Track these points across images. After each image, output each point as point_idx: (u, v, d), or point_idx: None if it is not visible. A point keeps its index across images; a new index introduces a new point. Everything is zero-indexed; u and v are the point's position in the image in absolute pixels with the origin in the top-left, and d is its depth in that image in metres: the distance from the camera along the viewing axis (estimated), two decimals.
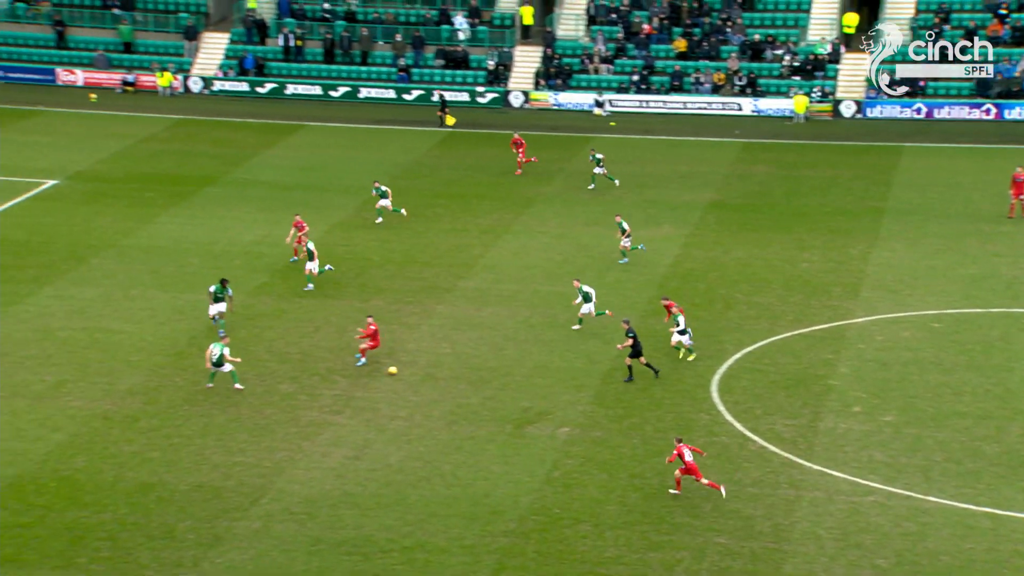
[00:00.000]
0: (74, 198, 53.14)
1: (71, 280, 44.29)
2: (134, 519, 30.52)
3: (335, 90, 68.90)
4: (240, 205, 52.54)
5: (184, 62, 71.06)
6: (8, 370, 37.59)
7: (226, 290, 40.30)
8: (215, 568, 28.74)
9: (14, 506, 30.82)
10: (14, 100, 66.56)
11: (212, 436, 34.37)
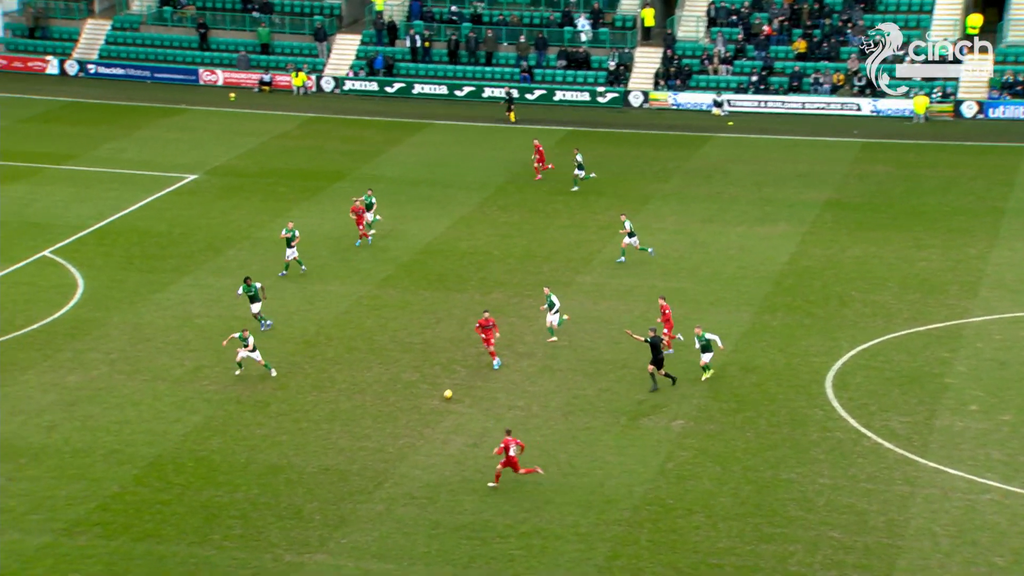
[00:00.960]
0: (212, 192, 54.29)
1: (209, 270, 45.27)
2: (265, 499, 31.10)
3: (460, 89, 69.34)
4: None
5: (317, 63, 72.17)
6: (150, 355, 38.57)
7: (251, 287, 39.91)
8: (340, 548, 29.16)
9: (155, 484, 31.63)
10: (159, 99, 68.24)
11: (338, 422, 34.87)
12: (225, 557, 28.77)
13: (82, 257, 46.02)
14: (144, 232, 49.06)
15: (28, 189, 53.38)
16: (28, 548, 28.73)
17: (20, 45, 73.75)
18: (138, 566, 28.37)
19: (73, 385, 36.45)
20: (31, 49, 73.51)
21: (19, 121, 63.40)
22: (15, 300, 42.13)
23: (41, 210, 51.14)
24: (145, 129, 63.15)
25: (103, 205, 51.73)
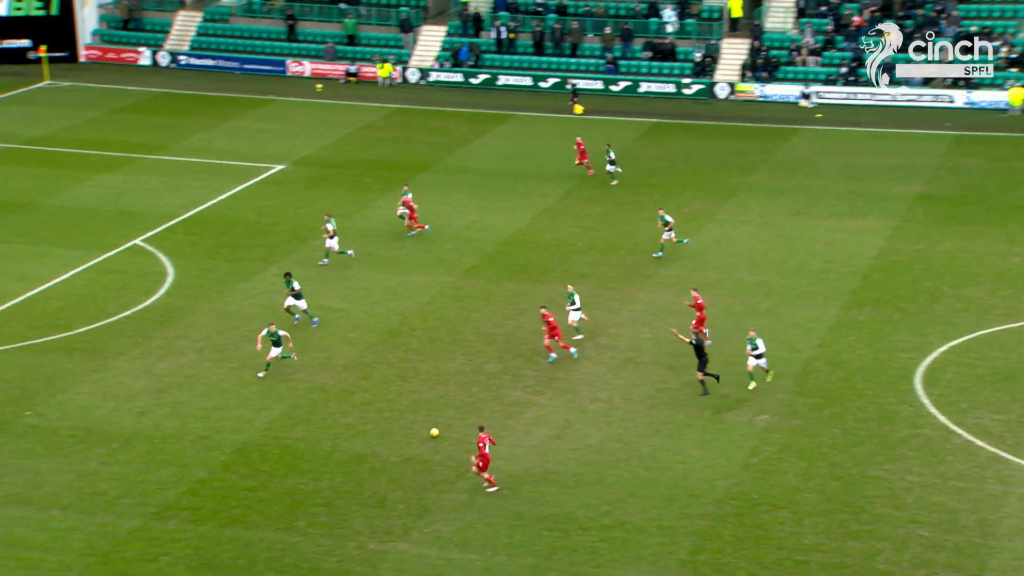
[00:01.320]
0: (299, 182, 54.76)
1: (294, 260, 45.66)
2: (349, 487, 31.31)
3: (544, 81, 69.19)
4: (451, 191, 53.30)
5: (403, 54, 72.47)
6: (237, 343, 39.00)
7: (290, 284, 39.80)
8: (423, 537, 29.27)
9: (242, 470, 31.99)
10: (248, 90, 68.98)
11: (422, 411, 34.98)
12: (310, 544, 29.01)
13: (172, 246, 46.67)
14: (232, 221, 49.62)
15: (121, 178, 54.25)
16: (120, 531, 29.21)
17: (114, 37, 74.98)
18: (225, 551, 28.71)
19: (163, 372, 36.98)
20: (124, 41, 74.70)
21: (112, 112, 64.47)
22: (108, 288, 42.85)
23: (133, 199, 51.94)
24: (234, 120, 63.88)
25: (193, 194, 52.42)
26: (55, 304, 41.26)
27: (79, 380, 36.14)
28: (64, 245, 46.22)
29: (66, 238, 47.04)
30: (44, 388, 35.71)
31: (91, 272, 43.89)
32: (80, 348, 38.21)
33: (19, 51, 71.81)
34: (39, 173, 54.44)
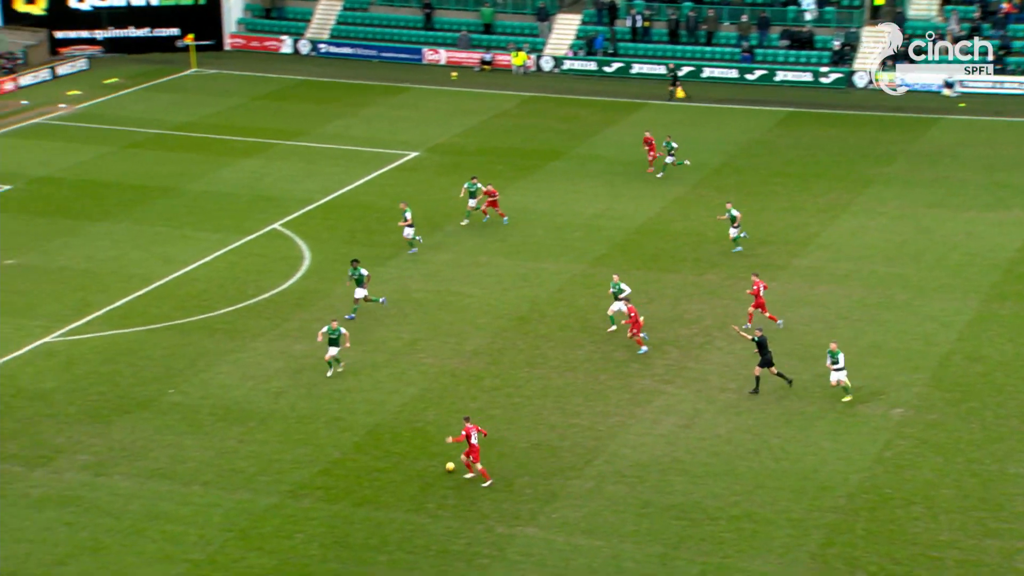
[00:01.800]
0: (432, 169, 55.27)
1: (427, 245, 46.09)
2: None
3: (679, 69, 68.63)
4: (582, 179, 53.24)
5: (538, 42, 72.57)
6: (370, 327, 39.57)
7: (357, 271, 39.51)
8: (551, 522, 29.36)
9: (373, 451, 32.47)
10: (385, 77, 69.81)
11: (550, 398, 35.07)
12: (440, 526, 29.33)
13: (309, 230, 47.51)
14: (367, 207, 50.30)
15: (261, 164, 55.41)
16: (257, 507, 29.90)
17: (258, 25, 76.54)
18: (357, 530, 29.19)
19: (299, 353, 37.70)
20: (267, 29, 76.20)
21: (254, 98, 65.85)
22: (247, 270, 43.83)
23: (272, 184, 52.99)
24: (371, 107, 64.73)
25: (329, 180, 53.29)
26: (198, 286, 42.36)
27: (220, 360, 37.05)
28: (207, 229, 47.39)
29: (209, 222, 48.23)
30: (187, 367, 36.70)
31: (232, 255, 44.94)
32: (221, 329, 39.18)
33: (168, 39, 73.80)
34: (184, 158, 55.90)
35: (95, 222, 47.75)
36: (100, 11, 72.49)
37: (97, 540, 28.40)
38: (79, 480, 30.69)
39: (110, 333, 38.52)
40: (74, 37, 72.12)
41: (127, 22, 73.17)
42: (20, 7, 71.31)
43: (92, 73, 68.70)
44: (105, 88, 66.02)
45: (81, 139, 57.77)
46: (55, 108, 62.35)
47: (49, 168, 53.50)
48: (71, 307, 40.21)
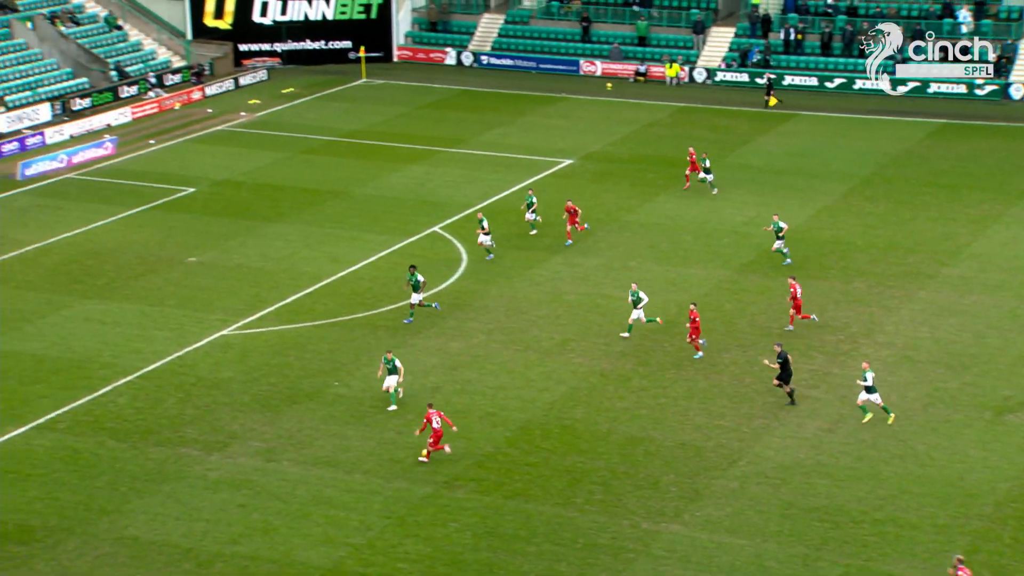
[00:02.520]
0: (585, 176, 55.25)
1: (578, 250, 46.11)
2: (624, 468, 31.43)
3: (831, 81, 67.30)
4: (731, 187, 52.58)
5: (691, 54, 71.98)
6: (523, 326, 39.75)
7: (415, 276, 39.13)
8: (695, 520, 29.08)
9: (524, 446, 32.61)
10: (542, 88, 70.06)
11: (696, 399, 34.73)
12: (587, 520, 29.30)
13: (467, 233, 47.93)
14: (523, 212, 50.51)
15: (424, 170, 56.15)
16: (415, 496, 30.30)
17: (424, 38, 77.63)
18: (508, 521, 29.35)
19: (455, 351, 38.08)
20: (433, 42, 77.22)
21: (419, 107, 66.78)
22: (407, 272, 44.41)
23: (434, 189, 53.66)
24: (528, 116, 65.04)
25: (487, 186, 53.71)
26: (363, 284, 43.15)
27: (381, 355, 37.63)
28: (372, 230, 48.24)
29: (374, 224, 49.09)
30: (351, 361, 37.40)
31: (395, 256, 45.65)
32: (383, 326, 39.82)
33: (342, 52, 75.40)
34: (353, 164, 57.01)
35: (270, 223, 49.02)
36: (280, 25, 74.47)
37: (267, 522, 29.15)
38: (251, 465, 31.54)
39: (281, 328, 39.52)
40: (256, 49, 74.22)
41: (304, 36, 75.01)
42: (209, 22, 73.70)
43: (271, 83, 70.59)
44: (282, 97, 67.76)
45: (259, 145, 59.40)
46: (237, 116, 64.24)
47: (230, 172, 55.14)
48: (246, 302, 41.36)
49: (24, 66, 64.18)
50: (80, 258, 44.64)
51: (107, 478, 30.69)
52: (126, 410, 34.09)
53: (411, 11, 78.25)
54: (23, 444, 32.10)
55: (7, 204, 50.51)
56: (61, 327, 38.94)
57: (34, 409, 33.85)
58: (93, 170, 55.03)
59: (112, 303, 40.93)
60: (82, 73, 65.69)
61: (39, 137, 58.52)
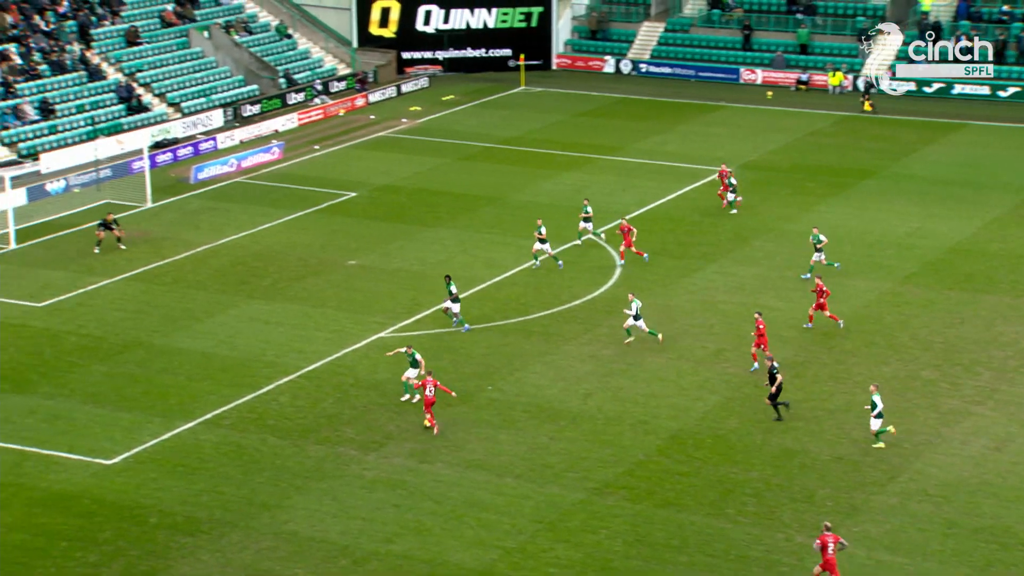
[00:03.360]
0: (743, 185, 54.29)
1: (734, 259, 45.53)
2: (778, 480, 30.88)
3: (1004, 90, 65.01)
4: (896, 198, 51.23)
5: (856, 63, 70.38)
6: (676, 336, 39.40)
7: (450, 286, 39.02)
8: (851, 536, 28.35)
9: (676, 455, 32.32)
10: (701, 96, 69.41)
11: (853, 413, 33.90)
12: (739, 531, 28.86)
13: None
14: (677, 220, 50.14)
15: (581, 177, 56.17)
16: (565, 502, 30.29)
17: (583, 46, 77.72)
18: (658, 530, 29.11)
19: (608, 358, 37.97)
20: (592, 50, 77.25)
21: (576, 115, 66.85)
22: (562, 277, 44.52)
23: (590, 196, 53.55)
24: (686, 124, 64.52)
25: (643, 193, 53.44)
26: (516, 290, 43.38)
27: (533, 361, 37.79)
28: (527, 236, 48.41)
29: (529, 230, 49.21)
30: (504, 366, 37.63)
31: (549, 262, 45.73)
32: (536, 331, 39.96)
33: (502, 59, 76.05)
34: (510, 170, 57.40)
35: (428, 227, 49.69)
36: (442, 34, 75.51)
37: (420, 522, 29.50)
38: (406, 466, 31.98)
39: (436, 331, 39.98)
40: (418, 57, 75.42)
41: (465, 44, 75.88)
42: (374, 31, 75.17)
43: (432, 90, 71.60)
44: (442, 104, 68.66)
45: (419, 151, 60.30)
46: (398, 122, 65.35)
47: (390, 177, 56.10)
48: (404, 305, 41.99)
49: (199, 73, 66.47)
50: (246, 259, 45.98)
51: (268, 474, 31.50)
52: (287, 408, 34.95)
53: (571, 19, 78.42)
54: (191, 439, 33.20)
55: (180, 206, 52.38)
56: (228, 326, 40.16)
57: (202, 405, 34.98)
58: (260, 174, 56.67)
59: (275, 304, 42.04)
60: (253, 80, 67.72)
61: (211, 142, 60.53)
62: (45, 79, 60.08)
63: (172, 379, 36.51)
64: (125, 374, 36.78)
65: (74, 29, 63.97)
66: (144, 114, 61.79)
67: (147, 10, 68.12)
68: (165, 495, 30.40)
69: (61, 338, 39.05)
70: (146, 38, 66.31)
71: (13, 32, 61.34)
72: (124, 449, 32.47)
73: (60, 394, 35.45)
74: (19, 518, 29.27)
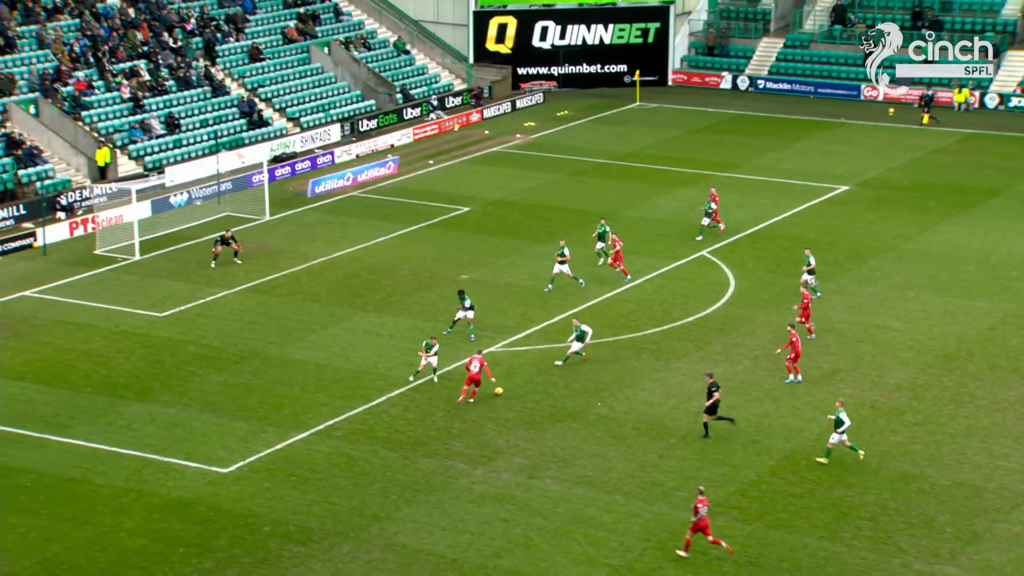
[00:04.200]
0: (861, 203, 53.60)
1: (851, 278, 44.75)
2: (895, 505, 30.22)
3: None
4: (1021, 217, 49.82)
5: (984, 80, 68.73)
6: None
7: (463, 300, 39.49)
8: (973, 564, 27.64)
9: (789, 476, 31.85)
10: (819, 112, 68.51)
11: (976, 438, 33.04)
12: (854, 556, 28.30)
13: (735, 258, 47.34)
14: (794, 238, 49.48)
15: (695, 193, 55.81)
16: (675, 521, 30.01)
17: (700, 62, 77.34)
18: (771, 552, 28.70)
19: (719, 376, 37.48)
20: (708, 66, 76.83)
21: (692, 131, 66.49)
22: (675, 294, 44.26)
23: (704, 214, 53.20)
24: (804, 141, 63.70)
25: (758, 211, 52.88)
26: (628, 306, 43.22)
27: (644, 378, 37.60)
28: (639, 253, 48.27)
29: (642, 246, 49.11)
30: (614, 382, 37.50)
31: (661, 279, 45.53)
32: (647, 348, 39.76)
33: (617, 75, 76.04)
34: (623, 186, 57.29)
35: (540, 243, 49.79)
36: (558, 49, 75.79)
37: (528, 538, 29.52)
38: (515, 480, 32.05)
39: (546, 347, 40.04)
40: (533, 73, 75.80)
41: (581, 60, 76.05)
42: (491, 46, 75.80)
43: (546, 106, 71.88)
44: (556, 120, 68.87)
45: (533, 166, 60.54)
46: (512, 138, 65.73)
47: (503, 192, 56.43)
48: (514, 320, 42.14)
49: (319, 89, 67.74)
50: (360, 272, 46.64)
51: (379, 486, 31.85)
52: (398, 421, 35.31)
53: (688, 35, 78.08)
54: (304, 449, 33.73)
55: (297, 219, 53.37)
56: (341, 338, 40.76)
57: (315, 416, 35.53)
58: (375, 188, 57.47)
59: (388, 316, 42.55)
60: (370, 95, 68.78)
61: (328, 156, 61.60)
62: (171, 94, 61.82)
63: (286, 389, 37.17)
64: (241, 384, 37.55)
65: (200, 46, 65.72)
66: (264, 128, 63.17)
67: (270, 27, 69.67)
68: (278, 504, 30.93)
69: (181, 348, 40.05)
70: (268, 54, 67.82)
71: (143, 49, 63.25)
72: (239, 458, 33.13)
73: (179, 403, 36.34)
74: (139, 523, 30.04)
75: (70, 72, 59.66)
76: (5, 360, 38.94)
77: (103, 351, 39.77)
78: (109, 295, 44.54)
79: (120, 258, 48.29)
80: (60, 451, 33.44)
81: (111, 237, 49.80)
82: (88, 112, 58.32)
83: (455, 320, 40.50)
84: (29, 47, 60.34)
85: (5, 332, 41.17)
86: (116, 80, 60.54)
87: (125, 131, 58.63)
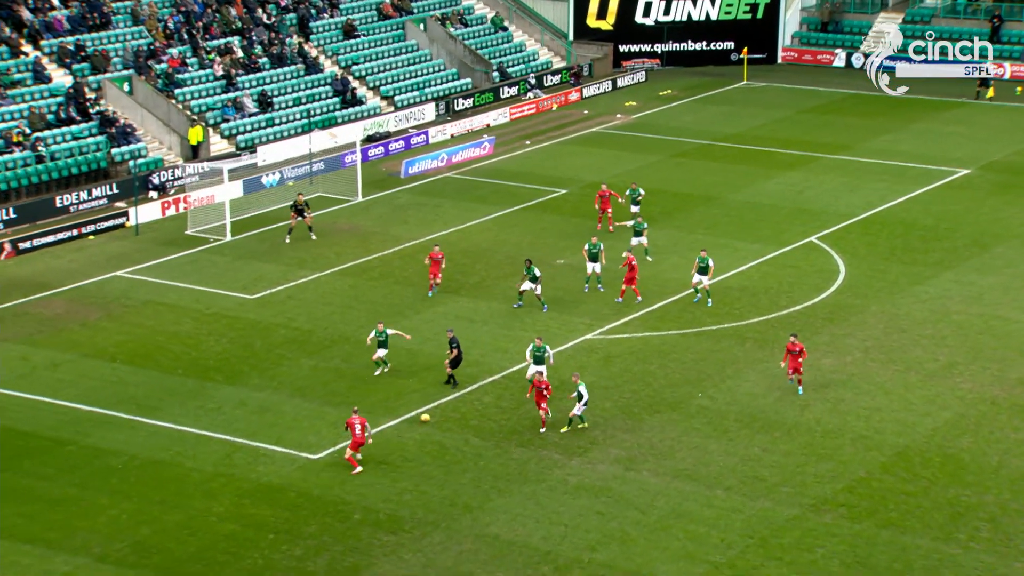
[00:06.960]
0: (984, 188, 52.42)
1: (972, 267, 43.82)
2: (1016, 506, 29.61)
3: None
4: None
5: None
6: (904, 346, 38.21)
7: (531, 270, 40.45)
8: None
9: (901, 474, 31.35)
10: (939, 92, 67.03)
11: None
12: (971, 558, 27.78)
13: (846, 245, 46.64)
14: (909, 224, 48.62)
15: (803, 176, 55.10)
16: (778, 517, 29.75)
17: (812, 39, 76.24)
18: (880, 552, 28.29)
19: (828, 368, 37.11)
20: (821, 43, 75.70)
21: (801, 111, 65.61)
22: (780, 281, 43.76)
23: (813, 197, 52.54)
24: (921, 122, 62.48)
25: (871, 195, 52.02)
26: (731, 294, 42.85)
27: (748, 368, 37.26)
28: (744, 238, 47.81)
29: (746, 232, 48.64)
30: (716, 372, 37.23)
31: (766, 265, 45.04)
32: (751, 337, 39.38)
33: (724, 53, 75.29)
34: (728, 169, 56.75)
35: None
36: (662, 26, 75.26)
37: (624, 531, 29.47)
38: (611, 472, 32.00)
39: (645, 335, 39.86)
40: (636, 51, 75.36)
41: (686, 36, 75.44)
42: (591, 23, 75.54)
43: (648, 85, 71.46)
44: (659, 99, 68.42)
45: (633, 147, 60.24)
46: (612, 118, 65.46)
47: (601, 174, 56.21)
48: (611, 307, 42.01)
49: (413, 67, 68.14)
50: (454, 256, 46.86)
51: (471, 475, 32.02)
52: (491, 408, 35.46)
53: (800, 11, 76.98)
54: (395, 436, 34.04)
55: (390, 201, 53.80)
56: (434, 323, 41.01)
57: (406, 403, 35.83)
58: (470, 169, 57.67)
59: (481, 301, 42.70)
60: (466, 74, 68.99)
61: (423, 136, 61.95)
62: (264, 72, 62.67)
63: (377, 376, 37.51)
64: (332, 368, 38.01)
65: (294, 22, 66.52)
66: (358, 107, 63.74)
67: (365, 2, 70.24)
68: (368, 492, 31.27)
69: (271, 331, 40.66)
70: (363, 31, 68.37)
71: (236, 25, 64.19)
72: (329, 444, 33.55)
73: (269, 386, 36.90)
74: (229, 508, 30.60)
75: (164, 49, 60.80)
76: (98, 340, 39.92)
77: (193, 333, 40.54)
78: (200, 276, 45.37)
79: (211, 239, 49.16)
80: (150, 433, 34.19)
81: (202, 217, 50.70)
82: (181, 90, 59.39)
83: (520, 292, 40.32)
84: (124, 23, 61.61)
85: (98, 312, 42.19)
86: (209, 57, 61.56)
87: (218, 109, 59.61)
